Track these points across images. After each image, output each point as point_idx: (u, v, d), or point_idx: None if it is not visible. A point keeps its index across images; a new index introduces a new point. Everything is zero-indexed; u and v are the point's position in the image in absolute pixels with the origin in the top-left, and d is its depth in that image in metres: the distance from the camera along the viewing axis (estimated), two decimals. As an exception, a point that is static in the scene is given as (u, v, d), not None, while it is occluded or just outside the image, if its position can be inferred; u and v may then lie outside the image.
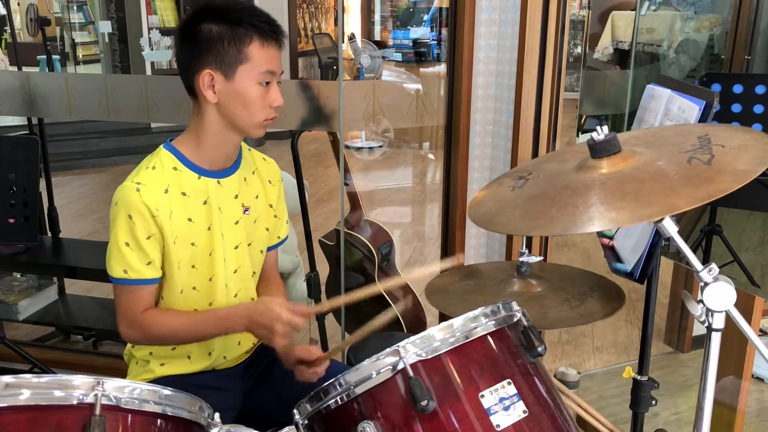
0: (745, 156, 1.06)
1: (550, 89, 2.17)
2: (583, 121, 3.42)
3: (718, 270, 1.06)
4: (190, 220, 1.45)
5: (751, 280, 2.10)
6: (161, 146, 1.48)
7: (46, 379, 0.98)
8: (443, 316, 2.13)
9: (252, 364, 1.67)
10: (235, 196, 1.52)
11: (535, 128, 2.19)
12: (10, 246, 2.86)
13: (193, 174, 1.46)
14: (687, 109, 1.39)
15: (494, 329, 1.12)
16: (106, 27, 6.65)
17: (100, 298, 3.31)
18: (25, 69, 3.21)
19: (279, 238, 1.68)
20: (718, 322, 1.08)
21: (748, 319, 2.00)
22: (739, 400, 2.14)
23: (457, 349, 1.08)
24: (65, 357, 2.91)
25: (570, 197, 1.11)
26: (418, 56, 7.61)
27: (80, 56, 7.63)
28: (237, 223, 1.53)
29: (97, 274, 2.82)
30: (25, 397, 0.95)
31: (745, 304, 2.02)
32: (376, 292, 2.56)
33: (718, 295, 1.06)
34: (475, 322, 1.11)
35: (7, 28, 4.31)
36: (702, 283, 1.06)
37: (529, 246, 1.73)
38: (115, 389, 0.99)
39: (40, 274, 3.22)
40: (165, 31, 5.92)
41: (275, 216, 1.64)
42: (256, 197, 1.58)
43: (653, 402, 1.65)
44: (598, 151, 1.16)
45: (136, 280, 1.42)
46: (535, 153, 2.20)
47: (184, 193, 1.44)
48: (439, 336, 1.08)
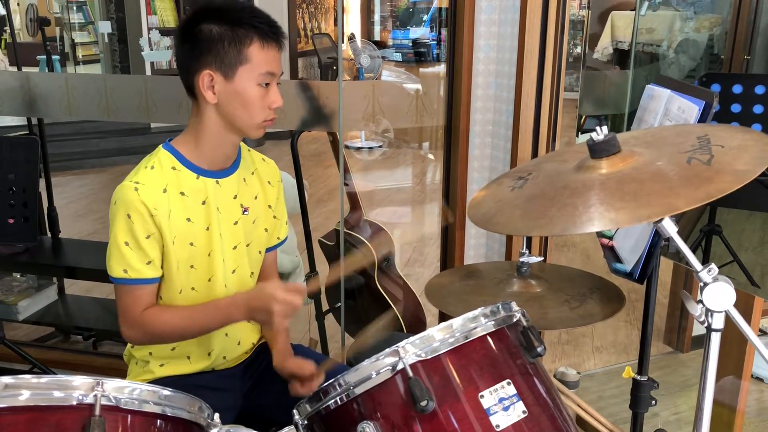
0: (744, 156, 1.06)
1: (549, 89, 2.17)
2: (582, 121, 3.42)
3: (717, 270, 1.06)
4: (188, 220, 1.45)
5: (751, 280, 2.10)
6: (160, 146, 1.48)
7: (45, 379, 0.98)
8: (443, 316, 2.13)
9: (252, 364, 1.67)
10: (234, 197, 1.52)
11: (535, 128, 2.19)
12: (9, 246, 2.86)
13: (192, 174, 1.46)
14: (686, 109, 1.39)
15: (494, 329, 1.12)
16: (105, 27, 6.66)
17: (99, 299, 3.31)
18: (25, 69, 3.21)
19: (278, 238, 1.68)
20: (718, 322, 1.08)
21: (748, 319, 2.00)
22: (739, 400, 2.14)
23: (457, 350, 1.08)
24: (65, 357, 2.91)
25: (569, 197, 1.11)
26: (417, 56, 7.62)
27: (80, 56, 7.63)
28: (236, 223, 1.53)
29: (97, 275, 2.82)
30: (24, 398, 0.95)
31: (744, 304, 2.02)
32: (371, 261, 2.56)
33: (718, 296, 1.06)
34: (475, 323, 1.11)
35: (7, 29, 4.31)
36: (701, 284, 1.06)
37: (529, 246, 1.73)
38: (115, 390, 0.99)
39: (39, 274, 3.22)
40: (165, 32, 5.92)
41: (274, 217, 1.64)
42: (255, 198, 1.58)
43: (653, 402, 1.65)
44: (598, 151, 1.16)
45: (137, 280, 1.42)
46: (535, 153, 2.20)
47: (182, 193, 1.44)
48: (438, 336, 1.08)
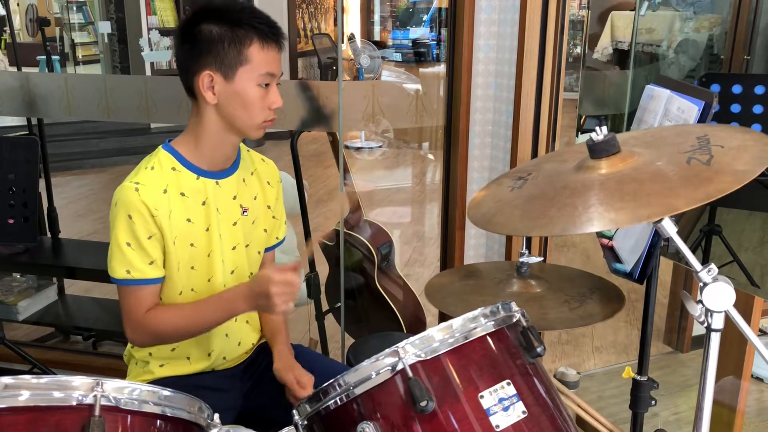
0: (744, 156, 1.06)
1: (549, 89, 2.17)
2: (582, 121, 3.42)
3: (717, 270, 1.06)
4: (189, 220, 1.45)
5: (751, 280, 2.10)
6: (160, 147, 1.47)
7: (45, 380, 0.97)
8: (443, 316, 2.13)
9: (251, 364, 1.67)
10: (234, 197, 1.52)
11: (535, 128, 2.19)
12: (9, 246, 2.86)
13: (192, 174, 1.46)
14: (686, 109, 1.39)
15: (493, 330, 1.12)
16: (105, 27, 6.66)
17: (99, 299, 3.31)
18: (25, 69, 3.21)
19: (277, 239, 1.68)
20: (718, 322, 1.08)
21: (748, 319, 2.00)
22: (739, 400, 2.14)
23: (457, 350, 1.08)
24: (65, 357, 2.91)
25: (569, 197, 1.11)
26: (417, 56, 7.62)
27: (80, 57, 7.64)
28: (235, 224, 1.53)
29: (97, 275, 2.82)
30: (24, 398, 0.95)
31: (744, 304, 2.02)
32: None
33: (718, 296, 1.06)
34: (475, 323, 1.11)
35: (7, 29, 4.31)
36: (701, 284, 1.06)
37: (529, 246, 1.72)
38: (115, 390, 0.99)
39: (39, 274, 3.22)
40: (164, 32, 5.92)
41: (273, 217, 1.64)
42: (255, 198, 1.58)
43: (653, 402, 1.65)
44: (598, 151, 1.16)
45: (140, 280, 1.42)
46: (535, 153, 2.20)
47: (182, 194, 1.44)
48: (438, 336, 1.08)
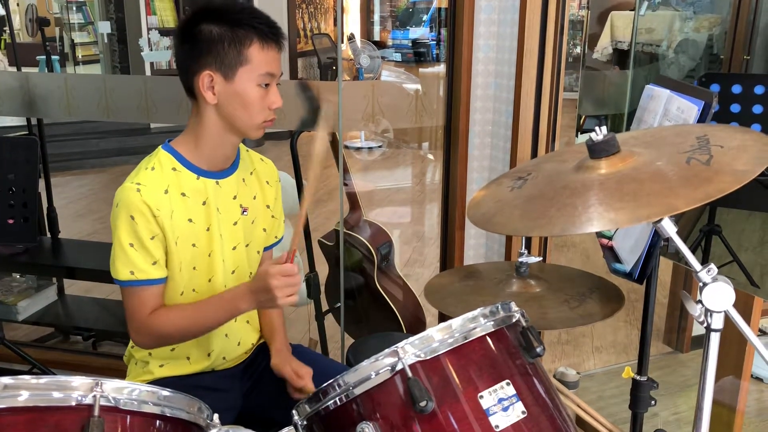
0: (743, 156, 1.06)
1: (549, 89, 2.17)
2: (582, 121, 3.42)
3: (716, 270, 1.06)
4: (190, 220, 1.45)
5: (751, 280, 2.10)
6: (159, 147, 1.47)
7: (44, 380, 0.97)
8: (443, 316, 2.13)
9: (251, 364, 1.67)
10: (234, 197, 1.52)
11: (534, 128, 2.19)
12: (9, 247, 2.86)
13: (192, 174, 1.46)
14: (686, 109, 1.39)
15: (493, 330, 1.12)
16: (105, 27, 6.66)
17: (99, 299, 3.31)
18: (25, 69, 3.21)
19: (276, 237, 1.69)
20: (717, 322, 1.08)
21: (747, 319, 2.00)
22: (739, 400, 2.14)
23: (456, 350, 1.08)
24: (65, 357, 2.91)
25: (569, 198, 1.11)
26: (417, 56, 7.62)
27: (79, 57, 7.63)
28: (235, 224, 1.53)
29: (97, 275, 2.81)
30: (23, 399, 0.95)
31: (744, 304, 2.01)
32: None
33: (717, 296, 1.06)
34: (474, 323, 1.11)
35: (7, 29, 4.30)
36: (701, 284, 1.06)
37: (529, 246, 1.72)
38: (114, 390, 0.99)
39: (39, 274, 3.22)
40: (164, 32, 5.92)
41: (272, 216, 1.64)
42: (254, 198, 1.58)
43: (652, 402, 1.65)
44: (597, 151, 1.16)
45: (144, 281, 1.41)
46: (534, 153, 2.20)
47: (183, 194, 1.44)
48: (437, 336, 1.08)
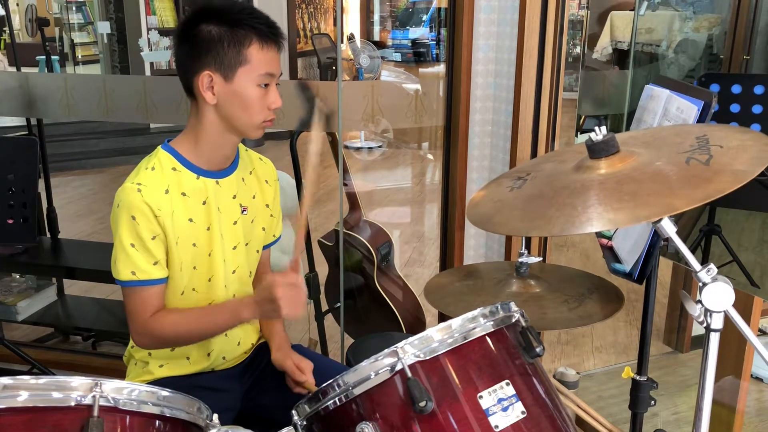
0: (743, 156, 1.06)
1: (548, 89, 2.17)
2: (581, 121, 3.42)
3: (716, 270, 1.06)
4: (191, 220, 1.45)
5: (750, 280, 2.10)
6: (159, 147, 1.47)
7: (44, 380, 0.97)
8: (442, 316, 2.13)
9: (251, 364, 1.67)
10: (233, 196, 1.52)
11: (534, 128, 2.19)
12: (9, 247, 2.86)
13: (192, 174, 1.46)
14: (685, 109, 1.39)
15: (493, 330, 1.12)
16: (105, 27, 6.66)
17: (99, 299, 3.31)
18: (24, 69, 3.21)
19: (274, 236, 1.69)
20: (717, 322, 1.07)
21: (747, 319, 2.00)
22: (738, 400, 2.14)
23: (456, 350, 1.08)
24: (64, 358, 2.91)
25: (568, 198, 1.11)
26: (417, 56, 7.62)
27: (79, 57, 7.64)
28: (235, 223, 1.53)
29: (97, 275, 2.81)
30: (22, 399, 0.95)
31: (744, 304, 2.02)
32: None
33: (717, 296, 1.06)
34: (474, 323, 1.11)
35: (6, 29, 4.30)
36: (700, 284, 1.06)
37: (528, 246, 1.72)
38: (114, 390, 0.99)
39: (39, 274, 3.22)
40: (164, 32, 5.91)
41: (271, 215, 1.64)
42: (254, 197, 1.58)
43: (652, 402, 1.65)
44: (597, 151, 1.16)
45: (145, 281, 1.41)
46: (534, 153, 2.20)
47: (183, 194, 1.44)
48: (437, 337, 1.08)
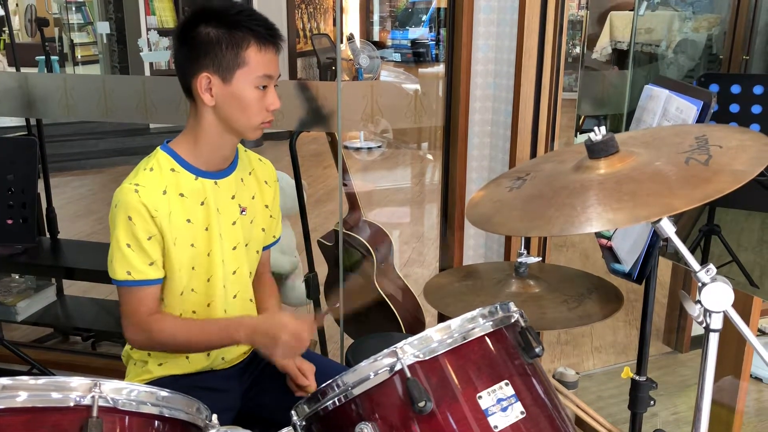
0: (742, 156, 1.06)
1: (548, 89, 2.17)
2: (581, 121, 3.42)
3: (715, 270, 1.06)
4: (188, 221, 1.45)
5: (750, 281, 2.10)
6: (158, 148, 1.48)
7: (43, 380, 0.97)
8: (442, 317, 2.13)
9: (250, 364, 1.67)
10: (232, 197, 1.52)
11: (534, 128, 2.18)
12: (8, 247, 2.85)
13: (191, 175, 1.46)
14: (685, 109, 1.39)
15: (492, 330, 1.12)
16: (104, 28, 6.67)
17: (98, 299, 3.31)
18: (24, 70, 3.20)
19: (274, 237, 1.69)
20: (716, 322, 1.08)
21: (747, 319, 2.00)
22: (738, 400, 2.14)
23: (455, 350, 1.08)
24: (64, 358, 2.91)
25: (568, 198, 1.11)
26: (416, 56, 7.63)
27: (79, 57, 7.64)
28: (234, 223, 1.53)
29: (96, 275, 2.81)
30: (21, 399, 0.95)
31: (743, 304, 2.01)
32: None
33: (716, 296, 1.05)
34: (473, 323, 1.11)
35: (6, 29, 4.30)
36: (700, 284, 1.06)
37: (528, 247, 1.73)
38: (113, 391, 0.99)
39: (38, 275, 3.22)
40: (163, 32, 5.91)
41: (271, 216, 1.65)
42: (253, 198, 1.58)
43: (652, 402, 1.65)
44: (596, 151, 1.16)
45: (140, 281, 1.42)
46: (534, 153, 2.20)
47: (182, 194, 1.44)
48: (436, 337, 1.08)
